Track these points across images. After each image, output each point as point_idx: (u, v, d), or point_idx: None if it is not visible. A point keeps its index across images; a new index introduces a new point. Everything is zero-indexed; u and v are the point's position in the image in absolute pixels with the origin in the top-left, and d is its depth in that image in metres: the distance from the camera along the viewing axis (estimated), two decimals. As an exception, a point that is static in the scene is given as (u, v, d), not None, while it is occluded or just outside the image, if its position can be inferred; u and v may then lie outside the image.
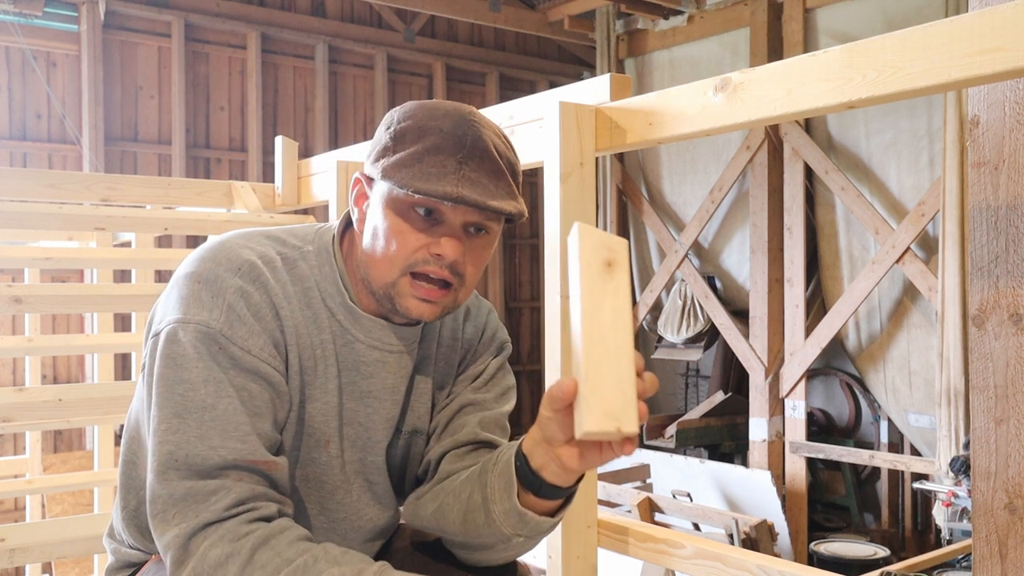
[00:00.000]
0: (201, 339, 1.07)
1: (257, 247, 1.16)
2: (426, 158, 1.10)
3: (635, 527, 1.81)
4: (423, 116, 1.14)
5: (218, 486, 1.03)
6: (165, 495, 1.03)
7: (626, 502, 4.85)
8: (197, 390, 1.06)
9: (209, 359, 1.07)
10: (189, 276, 1.12)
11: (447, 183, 1.08)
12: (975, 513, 1.51)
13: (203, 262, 1.13)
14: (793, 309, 5.81)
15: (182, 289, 1.11)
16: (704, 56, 6.43)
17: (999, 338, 1.46)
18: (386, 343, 1.22)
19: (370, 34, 7.31)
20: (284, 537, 1.03)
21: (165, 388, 1.07)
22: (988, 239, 1.48)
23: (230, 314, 1.09)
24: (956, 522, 4.30)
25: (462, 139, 1.11)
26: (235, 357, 1.08)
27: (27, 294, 2.49)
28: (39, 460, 4.27)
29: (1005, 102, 1.45)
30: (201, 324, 1.08)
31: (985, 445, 1.48)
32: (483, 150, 1.11)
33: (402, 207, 1.13)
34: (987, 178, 1.48)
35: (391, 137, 1.13)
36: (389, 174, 1.11)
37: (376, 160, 1.14)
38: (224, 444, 1.04)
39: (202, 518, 1.01)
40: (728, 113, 1.41)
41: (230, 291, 1.10)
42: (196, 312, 1.08)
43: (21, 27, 5.83)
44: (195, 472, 1.03)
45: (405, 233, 1.13)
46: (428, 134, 1.11)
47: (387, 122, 1.17)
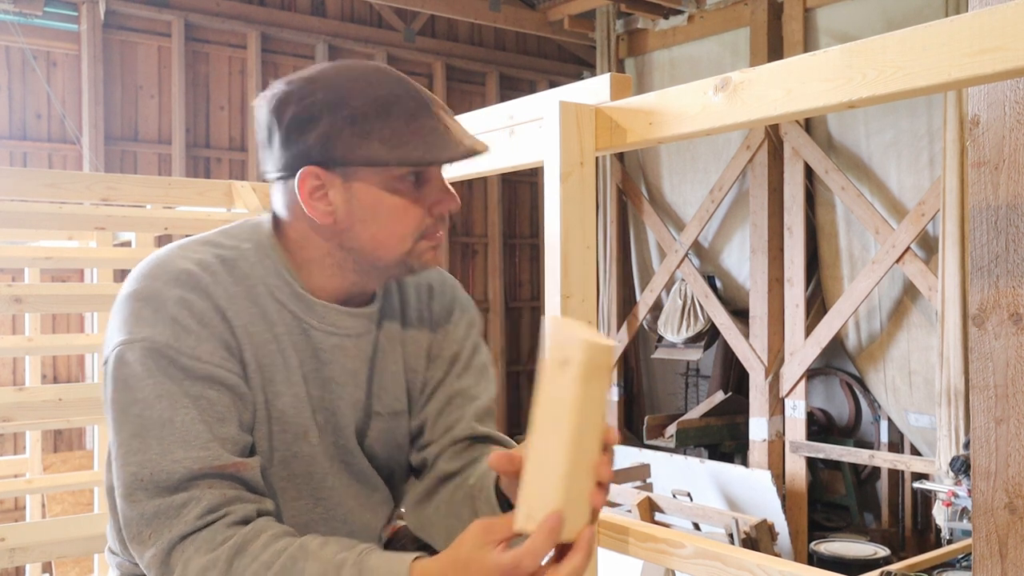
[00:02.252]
0: (149, 355, 1.06)
1: (192, 255, 1.14)
2: (411, 127, 1.09)
3: (635, 527, 1.81)
4: (345, 87, 1.10)
5: (187, 498, 1.02)
6: (136, 516, 1.03)
7: (626, 502, 4.85)
8: (152, 407, 1.04)
9: (160, 374, 1.05)
10: (129, 296, 1.10)
11: (450, 145, 1.10)
12: (975, 513, 1.51)
13: (141, 280, 1.11)
14: (793, 309, 5.81)
15: (123, 310, 1.10)
16: (704, 56, 6.43)
17: (999, 338, 1.46)
18: (342, 328, 1.20)
19: (370, 34, 7.31)
20: (260, 540, 1.01)
21: (120, 412, 1.06)
22: (988, 239, 1.48)
23: (174, 326, 1.07)
24: (956, 522, 4.30)
25: (416, 95, 1.11)
26: (186, 367, 1.06)
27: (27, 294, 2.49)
28: (39, 460, 4.26)
29: (1005, 102, 1.45)
30: (146, 340, 1.06)
31: (985, 445, 1.48)
32: (432, 96, 1.13)
33: (394, 182, 1.12)
34: (987, 178, 1.48)
35: (346, 121, 1.08)
36: (379, 156, 1.09)
37: (338, 149, 1.09)
38: (187, 455, 1.03)
39: (176, 531, 1.01)
40: (728, 113, 1.41)
41: (171, 303, 1.08)
42: (140, 330, 1.07)
43: (21, 27, 5.83)
44: (163, 488, 1.02)
45: (408, 206, 1.13)
46: (389, 103, 1.09)
47: (305, 107, 1.09)
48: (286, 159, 1.12)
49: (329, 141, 1.09)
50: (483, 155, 1.14)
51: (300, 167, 1.11)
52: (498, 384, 8.07)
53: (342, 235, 1.14)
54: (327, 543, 1.02)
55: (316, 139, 1.09)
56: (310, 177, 1.11)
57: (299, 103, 1.10)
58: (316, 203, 1.12)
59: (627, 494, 4.93)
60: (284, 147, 1.12)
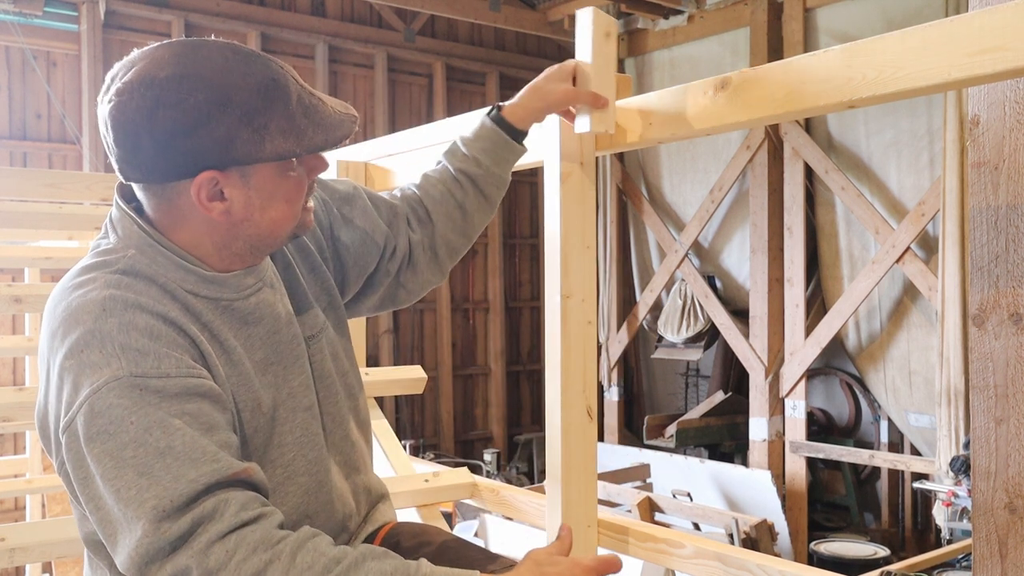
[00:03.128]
0: (118, 394, 1.00)
1: (94, 283, 1.07)
2: (299, 112, 1.09)
3: (635, 527, 1.81)
4: (222, 81, 1.04)
5: (216, 502, 0.99)
6: (171, 539, 0.98)
7: (626, 502, 4.85)
8: (145, 442, 0.99)
9: (138, 407, 1.00)
10: (65, 356, 1.03)
11: (335, 120, 1.13)
12: (975, 513, 1.51)
13: (65, 335, 1.04)
14: (793, 309, 5.81)
15: (67, 372, 1.02)
16: (704, 56, 6.43)
17: (999, 338, 1.46)
18: (254, 285, 1.20)
19: (370, 34, 7.31)
20: (322, 539, 1.02)
21: (114, 461, 0.99)
22: (988, 239, 1.48)
23: (128, 353, 1.01)
24: (956, 522, 4.31)
25: (281, 73, 1.09)
26: (159, 389, 1.01)
27: (27, 294, 2.49)
28: (39, 460, 4.26)
29: (1005, 102, 1.45)
30: (109, 381, 0.99)
31: (985, 445, 1.48)
32: (287, 68, 1.12)
33: (286, 166, 1.12)
34: (987, 178, 1.48)
35: (239, 121, 1.04)
36: (287, 149, 1.08)
37: (239, 151, 1.06)
38: (200, 472, 0.99)
39: (214, 530, 0.98)
40: (728, 113, 1.41)
41: (113, 333, 1.02)
42: (96, 376, 1.00)
43: (21, 27, 5.83)
44: (188, 507, 0.98)
45: (298, 184, 1.15)
46: (269, 91, 1.06)
47: (185, 111, 1.03)
48: (165, 165, 1.06)
49: (229, 144, 1.05)
50: (355, 122, 1.17)
51: (190, 172, 1.06)
52: (498, 384, 8.09)
53: (238, 226, 1.13)
54: (388, 552, 1.04)
55: (210, 143, 1.04)
56: (207, 182, 1.07)
57: (176, 107, 1.03)
58: (213, 204, 1.09)
59: (627, 494, 4.93)
60: (160, 153, 1.05)
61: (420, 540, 1.37)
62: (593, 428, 1.71)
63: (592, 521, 1.72)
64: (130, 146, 1.05)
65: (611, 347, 7.05)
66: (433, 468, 2.43)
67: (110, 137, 1.07)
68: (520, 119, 1.48)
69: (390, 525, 1.42)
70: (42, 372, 1.10)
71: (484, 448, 7.34)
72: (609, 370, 7.06)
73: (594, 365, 1.72)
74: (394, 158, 2.31)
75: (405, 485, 2.22)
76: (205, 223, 1.12)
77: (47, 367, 1.07)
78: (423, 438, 7.59)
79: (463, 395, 8.05)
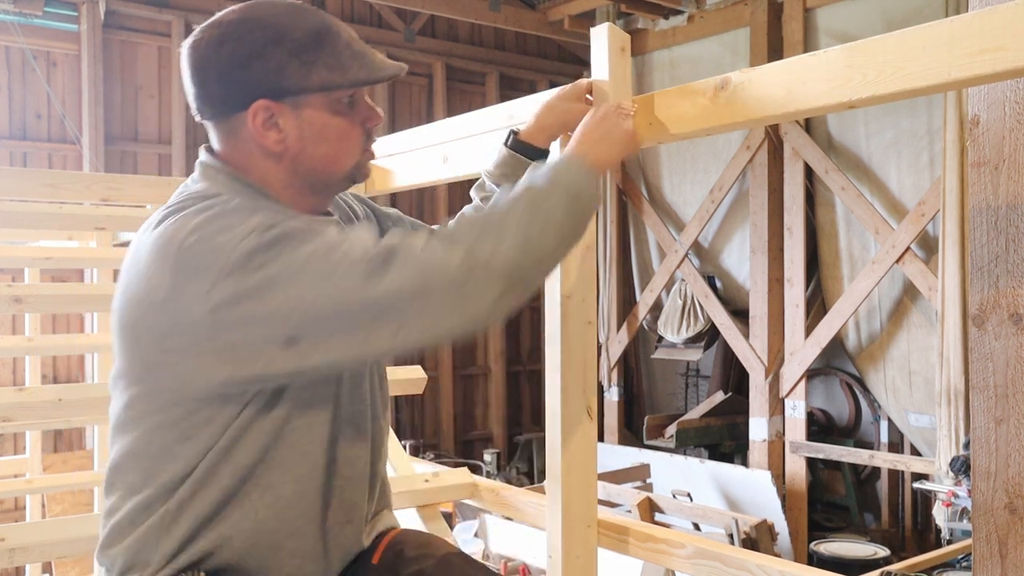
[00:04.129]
0: (262, 232, 1.07)
1: (220, 205, 1.13)
2: (347, 52, 1.19)
3: (635, 527, 1.81)
4: (281, 23, 1.17)
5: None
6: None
7: (626, 502, 4.85)
8: (323, 232, 1.09)
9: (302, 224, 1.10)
10: (195, 240, 1.08)
11: (379, 64, 1.22)
12: (975, 513, 1.51)
13: (195, 228, 1.10)
14: (793, 309, 5.81)
15: (200, 247, 1.07)
16: (704, 56, 6.43)
17: (999, 338, 1.46)
18: None
19: (370, 34, 7.31)
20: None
21: (304, 247, 1.06)
22: (988, 239, 1.48)
23: (261, 213, 1.10)
24: (956, 522, 4.30)
25: (336, 24, 1.22)
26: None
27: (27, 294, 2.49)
28: (39, 460, 4.27)
29: (1005, 102, 1.45)
30: (253, 230, 1.07)
31: (985, 445, 1.48)
32: (349, 29, 1.24)
33: (336, 105, 1.21)
34: (987, 178, 1.48)
35: (290, 54, 1.15)
36: (330, 81, 1.17)
37: (288, 80, 1.15)
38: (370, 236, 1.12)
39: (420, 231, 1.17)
40: (728, 113, 1.41)
41: (247, 212, 1.11)
42: (234, 233, 1.06)
43: (21, 27, 5.83)
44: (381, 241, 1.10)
45: (349, 124, 1.23)
46: (322, 33, 1.18)
47: (244, 45, 1.15)
48: (228, 96, 1.17)
49: (278, 73, 1.15)
50: (404, 73, 1.28)
51: (247, 101, 1.17)
52: (498, 384, 8.09)
53: (295, 160, 1.21)
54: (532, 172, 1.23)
55: (263, 73, 1.15)
56: (261, 110, 1.17)
57: (236, 42, 1.15)
58: (268, 132, 1.18)
59: (627, 494, 4.93)
60: (224, 85, 1.17)
61: (424, 551, 1.36)
62: (593, 428, 1.71)
63: (592, 521, 1.72)
64: (199, 80, 1.18)
65: (611, 347, 7.05)
66: (433, 468, 2.43)
67: (187, 77, 1.20)
68: (536, 139, 1.52)
69: (396, 531, 1.43)
70: (159, 265, 1.11)
71: (484, 448, 7.34)
72: (609, 370, 7.06)
73: (594, 365, 1.72)
74: (394, 158, 2.31)
75: (405, 485, 2.22)
76: (268, 159, 1.21)
77: (158, 265, 1.10)
78: (423, 438, 7.59)
79: (463, 395, 8.05)
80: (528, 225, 1.12)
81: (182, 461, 1.15)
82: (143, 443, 1.16)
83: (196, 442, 1.14)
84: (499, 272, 1.08)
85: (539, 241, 1.13)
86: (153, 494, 1.16)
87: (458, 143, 2.04)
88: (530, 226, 1.12)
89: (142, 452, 1.16)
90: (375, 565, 1.34)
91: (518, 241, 1.10)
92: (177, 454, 1.15)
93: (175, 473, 1.15)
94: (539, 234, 1.13)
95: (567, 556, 1.68)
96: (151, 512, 1.16)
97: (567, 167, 1.24)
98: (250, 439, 1.15)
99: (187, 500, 1.15)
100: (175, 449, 1.15)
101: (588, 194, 1.23)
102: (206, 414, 1.13)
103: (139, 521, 1.17)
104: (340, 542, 1.27)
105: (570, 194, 1.20)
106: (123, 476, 1.19)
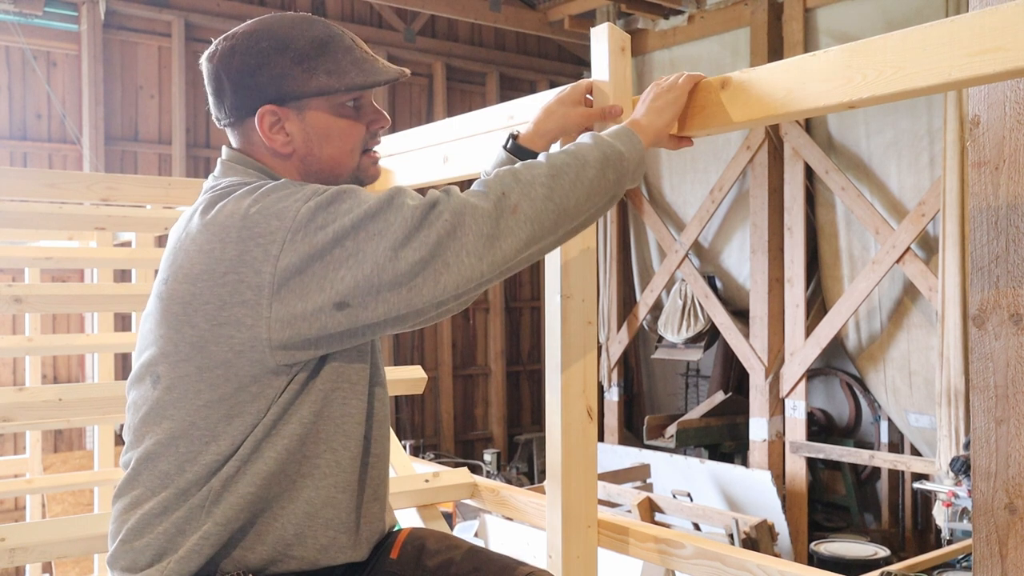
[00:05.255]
0: (316, 194, 1.15)
1: (257, 185, 1.21)
2: (347, 59, 1.26)
3: (635, 527, 1.81)
4: (286, 33, 1.25)
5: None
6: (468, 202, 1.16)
7: (626, 502, 4.85)
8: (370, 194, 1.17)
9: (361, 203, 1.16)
10: (257, 209, 1.15)
11: (380, 69, 1.28)
12: (975, 513, 1.51)
13: (254, 200, 1.17)
14: (793, 309, 5.81)
15: (262, 215, 1.14)
16: (704, 56, 6.43)
17: (999, 338, 1.46)
18: None
19: (370, 34, 7.31)
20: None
21: (371, 202, 1.14)
22: (988, 239, 1.48)
23: (310, 185, 1.19)
24: (956, 522, 4.30)
25: (342, 33, 1.28)
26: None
27: (27, 294, 2.49)
28: (39, 460, 4.27)
29: (1005, 102, 1.45)
30: (308, 195, 1.15)
31: (985, 445, 1.48)
32: (351, 33, 1.30)
33: (339, 108, 1.28)
34: (987, 178, 1.48)
35: (292, 61, 1.23)
36: (329, 86, 1.24)
37: (290, 86, 1.24)
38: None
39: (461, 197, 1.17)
40: (728, 113, 1.41)
41: (296, 184, 1.19)
42: (294, 199, 1.15)
43: (21, 27, 5.83)
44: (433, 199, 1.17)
45: (353, 126, 1.30)
46: (324, 42, 1.25)
47: (252, 55, 1.23)
48: (239, 102, 1.26)
49: (282, 80, 1.24)
50: (406, 77, 1.34)
51: (256, 107, 1.25)
52: (498, 384, 8.09)
53: (303, 161, 1.29)
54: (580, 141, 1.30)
55: (269, 80, 1.24)
56: (268, 114, 1.25)
57: (245, 53, 1.24)
58: (276, 135, 1.26)
59: (627, 494, 4.93)
60: (235, 93, 1.25)
61: (448, 543, 1.40)
62: (593, 428, 1.71)
63: (592, 521, 1.72)
64: (215, 89, 1.28)
65: (611, 347, 7.06)
66: (433, 468, 2.43)
67: (206, 86, 1.29)
68: (535, 143, 1.54)
69: (408, 529, 1.45)
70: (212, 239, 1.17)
71: (484, 448, 7.34)
72: (609, 370, 7.06)
73: (594, 365, 1.72)
74: (394, 158, 2.31)
75: (405, 485, 2.22)
76: (280, 159, 1.29)
77: (221, 236, 1.15)
78: (423, 438, 7.59)
79: (463, 395, 8.05)
80: (556, 178, 1.21)
81: (227, 440, 1.17)
82: (185, 425, 1.18)
83: (243, 419, 1.17)
84: (524, 217, 1.17)
85: (564, 197, 1.21)
86: (192, 478, 1.18)
87: (458, 143, 2.04)
88: (558, 179, 1.21)
89: (183, 435, 1.18)
90: (394, 560, 1.36)
91: (543, 192, 1.19)
92: (222, 433, 1.17)
93: (220, 452, 1.17)
94: (567, 190, 1.21)
95: (567, 556, 1.68)
96: (188, 496, 1.18)
97: (616, 132, 1.33)
98: (295, 413, 1.19)
99: (231, 478, 1.17)
100: (220, 428, 1.17)
101: (627, 160, 1.30)
102: (254, 390, 1.17)
103: (173, 507, 1.18)
104: (369, 518, 1.32)
105: (606, 156, 1.27)
106: (155, 465, 1.20)
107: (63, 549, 1.76)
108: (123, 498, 1.23)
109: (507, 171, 1.21)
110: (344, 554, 1.27)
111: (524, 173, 1.20)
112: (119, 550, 1.22)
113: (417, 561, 1.36)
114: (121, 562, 1.21)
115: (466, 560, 1.35)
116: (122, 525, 1.22)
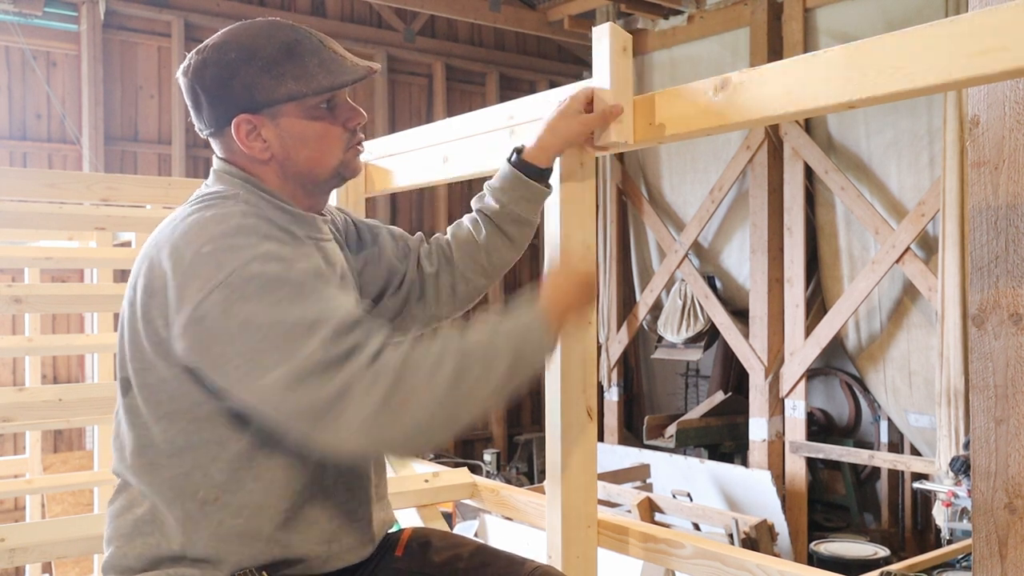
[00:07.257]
0: (271, 260, 1.13)
1: (230, 211, 1.19)
2: (314, 61, 1.26)
3: (635, 527, 1.81)
4: (252, 42, 1.25)
5: (373, 325, 1.15)
6: (350, 346, 1.11)
7: (626, 502, 4.85)
8: (305, 283, 1.13)
9: (296, 261, 1.15)
10: (210, 250, 1.13)
11: (348, 69, 1.28)
12: (975, 513, 1.51)
13: (208, 240, 1.14)
14: (793, 309, 5.81)
15: (211, 257, 1.12)
16: (704, 56, 6.43)
17: (999, 338, 1.46)
18: (327, 233, 1.38)
19: (370, 34, 7.31)
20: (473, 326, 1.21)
21: (276, 298, 1.11)
22: (988, 239, 1.49)
23: (270, 240, 1.16)
24: (956, 522, 4.30)
25: (310, 35, 1.28)
26: (302, 264, 1.16)
27: (27, 294, 2.49)
28: (39, 460, 4.27)
29: (1005, 102, 1.45)
30: (261, 254, 1.12)
31: (985, 445, 1.48)
32: (321, 34, 1.31)
33: (312, 110, 1.28)
34: (987, 178, 1.48)
35: (260, 70, 1.24)
36: (297, 91, 1.24)
37: (261, 94, 1.24)
38: (350, 302, 1.17)
39: (380, 339, 1.13)
40: (728, 113, 1.41)
41: (262, 231, 1.17)
42: (247, 250, 1.12)
43: (21, 27, 5.83)
44: (354, 324, 1.13)
45: (328, 127, 1.30)
46: (291, 46, 1.25)
47: (222, 67, 1.24)
48: (216, 113, 1.27)
49: (252, 89, 1.24)
50: (377, 73, 1.35)
51: (231, 117, 1.26)
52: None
53: (283, 165, 1.30)
54: (486, 320, 1.24)
55: (240, 90, 1.24)
56: (243, 123, 1.26)
57: (215, 65, 1.25)
58: (253, 143, 1.27)
59: (627, 494, 4.93)
60: (211, 105, 1.27)
61: (454, 541, 1.42)
62: (593, 428, 1.71)
63: (592, 521, 1.72)
64: (192, 102, 1.29)
65: (611, 347, 7.05)
66: (433, 468, 2.43)
67: (185, 99, 1.31)
68: (539, 159, 1.55)
69: (411, 529, 1.46)
70: (154, 272, 1.17)
71: (484, 448, 7.33)
72: (609, 370, 7.06)
73: (594, 365, 1.72)
74: (394, 158, 2.31)
75: (405, 485, 2.22)
76: (261, 165, 1.29)
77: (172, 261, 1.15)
78: (423, 438, 7.57)
79: (463, 395, 8.04)
80: (459, 383, 1.14)
81: (216, 446, 1.19)
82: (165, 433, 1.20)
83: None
84: (412, 417, 1.11)
85: (465, 400, 1.15)
86: (182, 484, 1.18)
87: (458, 143, 2.04)
88: (461, 384, 1.14)
89: (164, 442, 1.20)
90: (399, 557, 1.38)
91: (440, 395, 1.12)
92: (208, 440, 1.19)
93: (209, 459, 1.19)
94: (467, 394, 1.14)
95: (567, 556, 1.68)
96: (180, 502, 1.18)
97: (527, 327, 1.25)
98: None
99: (223, 484, 1.18)
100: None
101: (539, 356, 1.26)
102: None
103: (164, 513, 1.18)
104: (373, 518, 1.33)
105: (517, 356, 1.20)
106: (143, 471, 1.20)
107: (63, 549, 1.76)
108: (115, 503, 1.23)
109: (424, 353, 1.14)
110: (349, 554, 1.27)
111: (432, 363, 1.13)
112: (113, 555, 1.22)
113: (424, 558, 1.37)
114: (115, 567, 1.21)
115: (474, 556, 1.37)
116: (115, 530, 1.22)
